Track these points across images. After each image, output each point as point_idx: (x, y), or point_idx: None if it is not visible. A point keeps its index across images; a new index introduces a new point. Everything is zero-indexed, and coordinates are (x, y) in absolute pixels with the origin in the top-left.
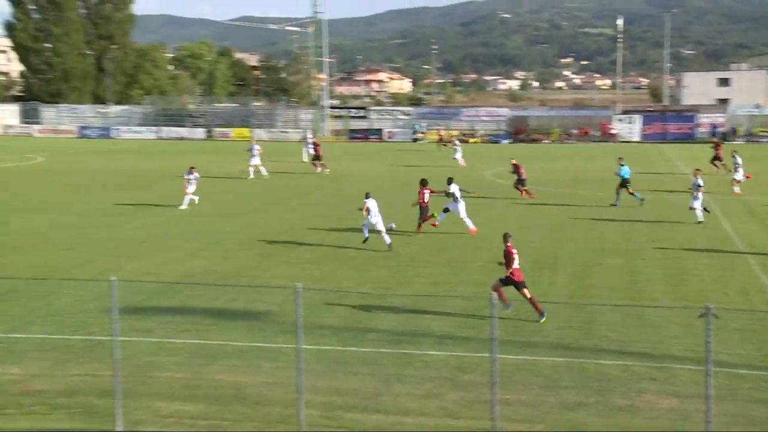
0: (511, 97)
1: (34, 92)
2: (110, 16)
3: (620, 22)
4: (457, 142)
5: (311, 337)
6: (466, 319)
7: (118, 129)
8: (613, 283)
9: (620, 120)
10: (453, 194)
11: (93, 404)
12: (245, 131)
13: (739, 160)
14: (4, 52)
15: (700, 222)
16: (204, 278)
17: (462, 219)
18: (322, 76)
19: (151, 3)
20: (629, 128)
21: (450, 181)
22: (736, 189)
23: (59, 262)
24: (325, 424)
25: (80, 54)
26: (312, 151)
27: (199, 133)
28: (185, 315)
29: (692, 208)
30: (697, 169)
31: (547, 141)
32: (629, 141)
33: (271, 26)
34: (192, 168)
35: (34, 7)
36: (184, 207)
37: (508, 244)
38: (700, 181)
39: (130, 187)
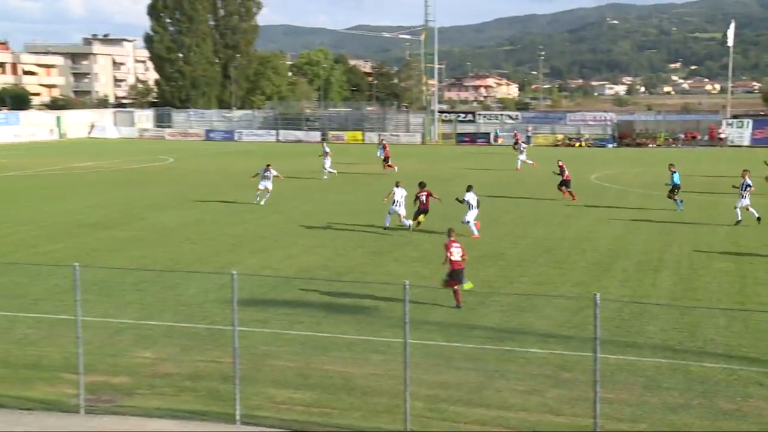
0: (618, 101)
1: (167, 98)
2: (236, 27)
3: (732, 26)
4: (522, 146)
5: (417, 332)
6: (569, 319)
7: (240, 132)
8: (720, 287)
9: (729, 124)
10: (467, 202)
11: (215, 388)
12: (358, 134)
13: None
14: (143, 62)
15: (738, 221)
16: (318, 274)
17: (467, 222)
18: (433, 81)
19: (274, 14)
20: (739, 132)
21: (469, 188)
22: None
23: (186, 256)
24: (429, 416)
25: (208, 62)
26: (382, 154)
27: (315, 135)
28: (299, 308)
29: (739, 207)
30: (745, 170)
31: (653, 145)
32: (739, 146)
33: (385, 35)
34: (268, 165)
35: (169, 20)
36: (261, 202)
37: (451, 238)
38: (749, 182)
39: (251, 186)
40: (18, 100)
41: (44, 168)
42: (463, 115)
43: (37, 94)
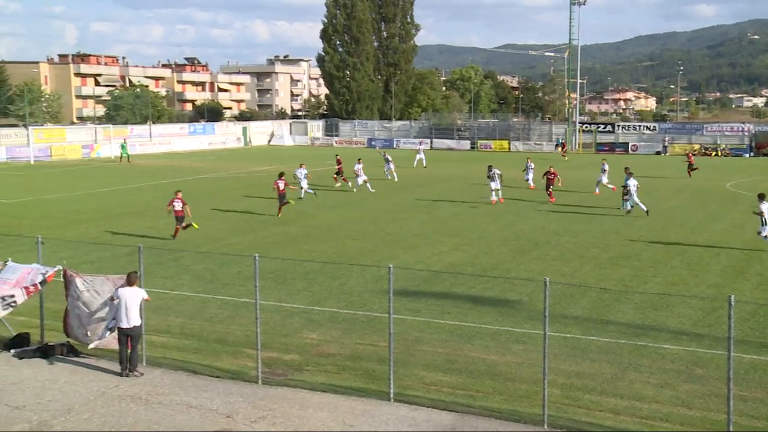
0: (756, 113)
1: (335, 110)
2: (397, 48)
3: None
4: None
5: (556, 325)
6: (702, 318)
7: (399, 140)
8: None
9: None
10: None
11: (372, 369)
12: (505, 143)
13: None
14: (315, 79)
15: None
16: (464, 269)
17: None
18: (574, 95)
19: (430, 35)
20: None
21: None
22: None
23: (348, 251)
24: (565, 403)
25: (371, 79)
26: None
27: (465, 144)
28: (448, 300)
29: None
30: None
31: None
32: None
33: (531, 52)
34: (301, 164)
35: (339, 43)
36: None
37: None
38: None
39: (406, 188)
40: (213, 113)
41: (232, 171)
42: (602, 126)
43: (229, 108)
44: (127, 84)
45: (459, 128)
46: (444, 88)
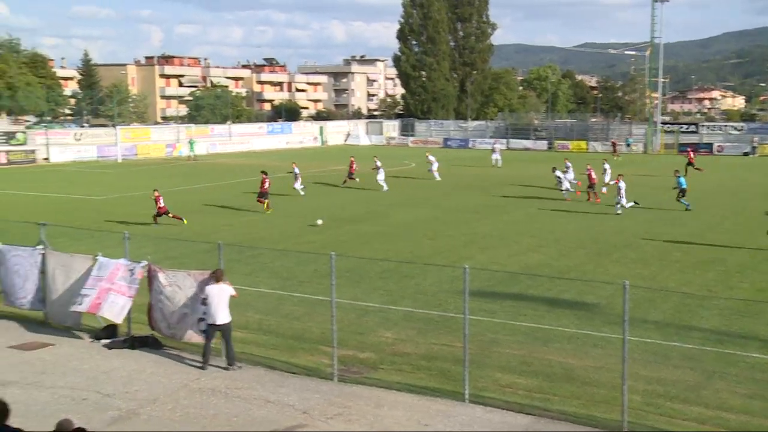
0: None
1: (411, 110)
2: (473, 47)
3: None
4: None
5: (636, 329)
6: None
7: (474, 140)
8: None
9: None
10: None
11: (447, 369)
12: (582, 143)
13: None
14: (391, 79)
15: None
16: (541, 271)
17: None
18: (656, 94)
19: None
20: None
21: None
22: None
23: (424, 250)
24: (646, 410)
25: (446, 79)
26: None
27: (542, 144)
28: (524, 301)
29: None
30: None
31: None
32: None
33: (611, 51)
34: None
35: (415, 43)
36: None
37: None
38: None
39: (481, 189)
40: (291, 112)
41: (308, 170)
42: (685, 126)
43: (306, 108)
44: (209, 84)
45: (536, 128)
46: (521, 88)
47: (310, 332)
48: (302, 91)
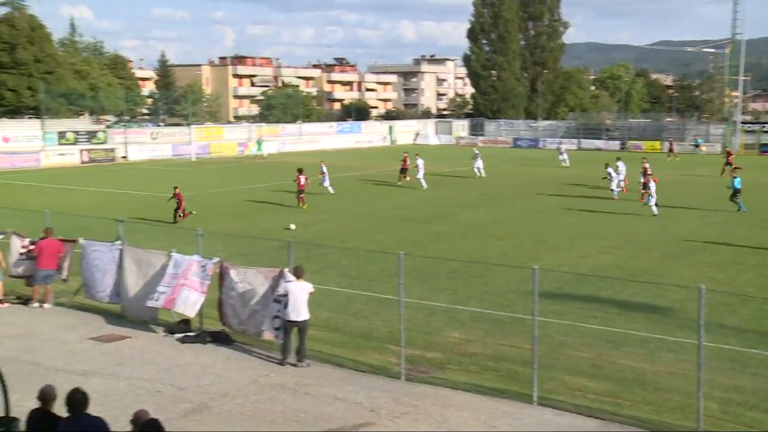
0: None
1: (480, 110)
2: (544, 46)
3: None
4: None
5: (712, 335)
6: None
7: (544, 140)
8: None
9: None
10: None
11: (515, 370)
12: (656, 143)
13: None
14: (461, 78)
15: None
16: (611, 273)
17: None
18: (736, 93)
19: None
20: None
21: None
22: None
23: (492, 251)
24: (723, 418)
25: (517, 78)
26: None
27: (614, 145)
28: (594, 303)
29: None
30: None
31: None
32: None
33: (688, 49)
34: (321, 162)
35: (485, 42)
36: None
37: None
38: None
39: (550, 189)
40: (360, 112)
41: (377, 169)
42: (767, 126)
43: (375, 107)
44: (280, 84)
45: (608, 128)
46: (593, 87)
47: (378, 331)
48: (372, 90)
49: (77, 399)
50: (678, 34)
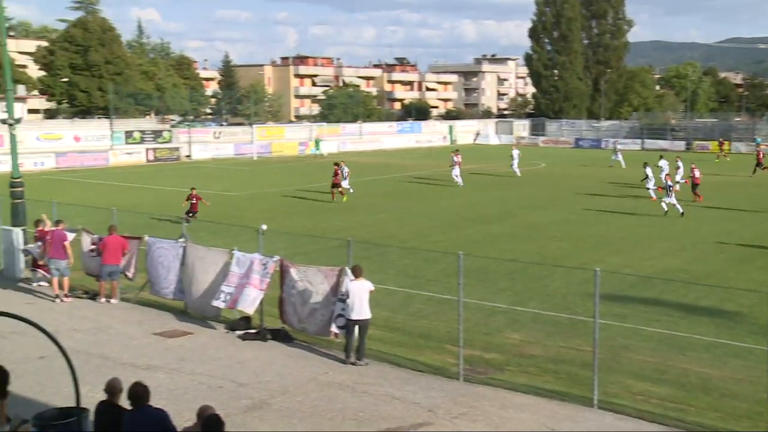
0: None
1: (542, 110)
2: (607, 45)
3: None
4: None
5: None
6: None
7: (607, 140)
8: None
9: None
10: None
11: (575, 374)
12: (725, 144)
13: None
14: (522, 78)
15: None
16: (676, 276)
17: None
18: None
19: (644, 31)
20: None
21: None
22: None
23: (552, 252)
24: None
25: (579, 78)
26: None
27: (679, 145)
28: (657, 306)
29: None
30: None
31: None
32: None
33: (760, 46)
34: (341, 162)
35: (547, 41)
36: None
37: None
38: None
39: (612, 190)
40: (420, 112)
41: (437, 169)
42: None
43: (435, 107)
44: (341, 84)
45: (673, 128)
46: (658, 87)
47: (437, 331)
48: (432, 90)
49: (139, 392)
50: (750, 31)
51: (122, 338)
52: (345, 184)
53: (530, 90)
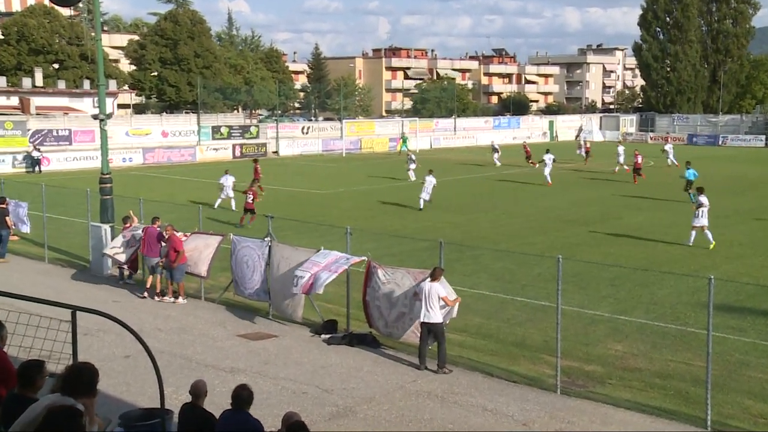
0: None
1: (651, 104)
2: (728, 32)
3: None
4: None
5: None
6: None
7: (725, 137)
8: None
9: None
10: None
11: (685, 390)
12: None
13: None
14: (631, 69)
15: None
16: None
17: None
18: None
19: None
20: None
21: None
22: None
23: (660, 257)
24: None
25: (695, 68)
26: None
27: None
28: None
29: None
30: None
31: None
32: None
33: None
34: (227, 171)
35: (659, 29)
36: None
37: None
38: None
39: (731, 191)
40: (519, 106)
41: (535, 167)
42: None
43: (536, 101)
44: (434, 77)
45: None
46: None
47: (532, 339)
48: (532, 83)
49: (243, 396)
50: None
51: (206, 339)
52: (230, 192)
53: (639, 82)
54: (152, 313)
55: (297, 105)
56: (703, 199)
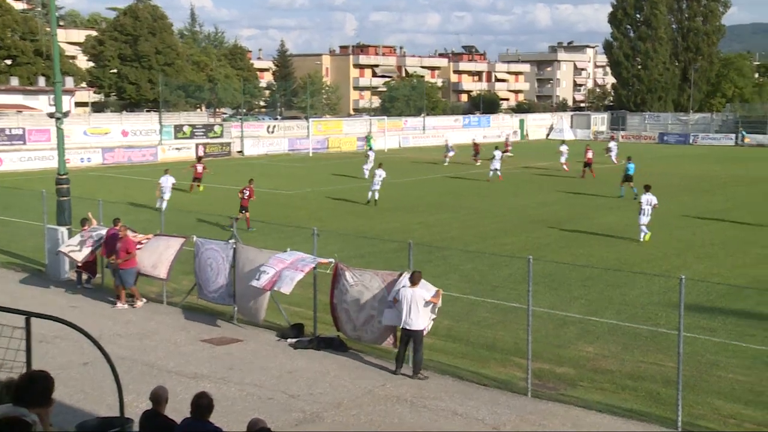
0: None
1: (622, 102)
2: (698, 29)
3: None
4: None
5: None
6: None
7: (696, 135)
8: None
9: None
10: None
11: (656, 391)
12: None
13: None
14: (602, 67)
15: None
16: None
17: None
18: None
19: (741, 13)
20: None
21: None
22: None
23: (631, 257)
24: None
25: (666, 67)
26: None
27: None
28: (751, 320)
29: None
30: None
31: None
32: None
33: None
34: (167, 170)
35: (629, 26)
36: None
37: None
38: None
39: (700, 191)
40: (489, 104)
41: (506, 167)
42: None
43: (506, 99)
44: (403, 74)
45: None
46: (757, 75)
47: (503, 342)
48: (502, 81)
49: (203, 404)
50: None
51: (168, 344)
52: (167, 195)
53: (610, 80)
54: (112, 318)
55: (262, 103)
56: (646, 197)
